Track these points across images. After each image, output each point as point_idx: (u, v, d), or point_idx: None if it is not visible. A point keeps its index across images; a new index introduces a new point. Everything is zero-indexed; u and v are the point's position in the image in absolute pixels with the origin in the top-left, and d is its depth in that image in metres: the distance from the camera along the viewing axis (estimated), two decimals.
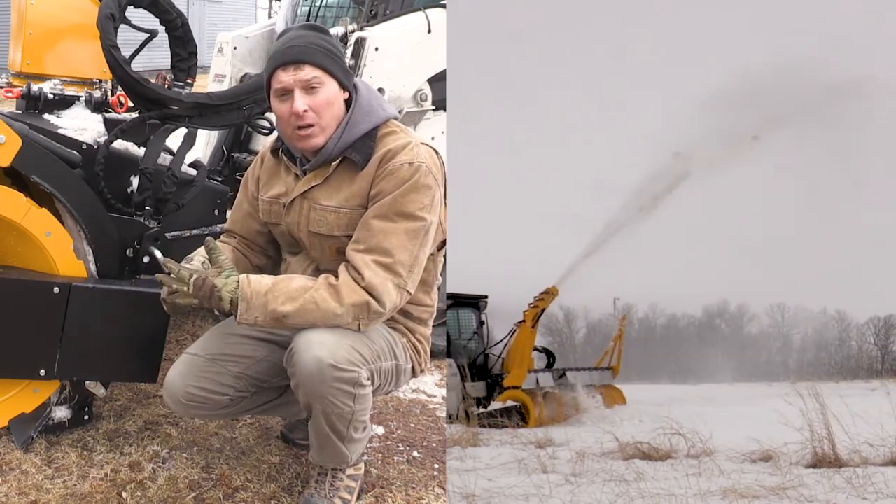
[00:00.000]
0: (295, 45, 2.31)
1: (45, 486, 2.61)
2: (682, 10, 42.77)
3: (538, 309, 7.87)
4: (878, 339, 32.75)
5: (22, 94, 3.29)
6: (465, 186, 14.75)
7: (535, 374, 7.50)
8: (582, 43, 59.88)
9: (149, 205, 2.98)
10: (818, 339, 32.66)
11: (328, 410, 2.30)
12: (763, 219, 12.67)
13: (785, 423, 4.11)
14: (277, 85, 2.33)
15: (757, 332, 33.54)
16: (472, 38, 39.19)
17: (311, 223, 2.41)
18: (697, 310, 32.92)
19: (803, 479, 3.58)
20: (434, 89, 4.27)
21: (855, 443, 4.06)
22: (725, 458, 4.25)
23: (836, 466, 3.84)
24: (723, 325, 33.69)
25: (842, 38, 10.55)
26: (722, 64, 31.23)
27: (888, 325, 32.36)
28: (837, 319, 33.12)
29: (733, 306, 34.16)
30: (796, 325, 34.07)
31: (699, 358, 26.96)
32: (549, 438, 5.37)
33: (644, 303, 29.31)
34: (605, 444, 4.79)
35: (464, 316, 8.00)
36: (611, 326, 29.03)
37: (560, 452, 4.64)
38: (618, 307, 28.13)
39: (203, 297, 2.24)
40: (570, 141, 54.64)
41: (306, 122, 2.31)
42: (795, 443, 4.10)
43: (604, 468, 4.02)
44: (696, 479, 3.57)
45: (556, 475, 3.88)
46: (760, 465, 4.12)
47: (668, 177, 8.68)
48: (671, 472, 3.87)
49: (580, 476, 3.82)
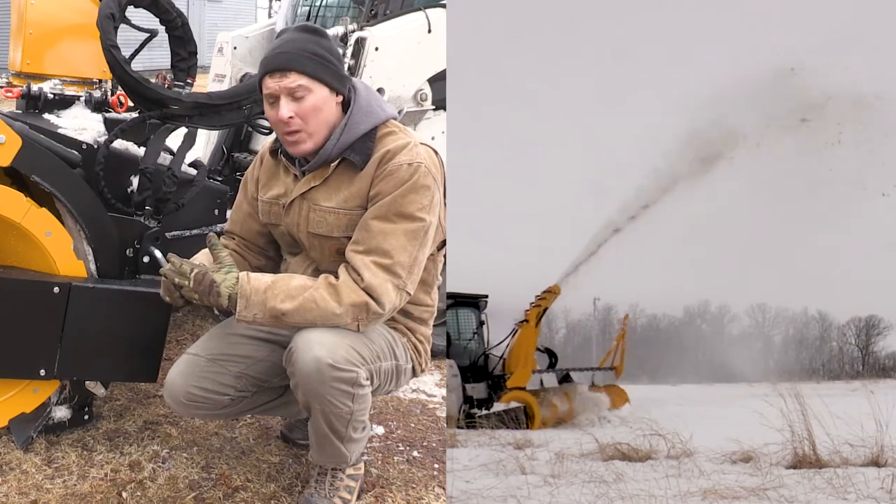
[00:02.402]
0: (283, 52, 2.31)
1: (45, 485, 2.61)
2: (682, 10, 42.77)
3: (541, 308, 7.81)
4: (858, 340, 32.82)
5: (22, 94, 3.29)
6: (465, 186, 14.72)
7: (540, 375, 7.42)
8: (582, 43, 59.88)
9: (149, 204, 2.98)
10: (799, 340, 32.63)
11: (327, 410, 2.30)
12: (744, 219, 12.63)
13: (765, 424, 4.11)
14: (266, 91, 2.34)
15: (738, 333, 33.54)
16: (472, 38, 39.19)
17: (311, 224, 2.41)
18: (678, 310, 32.90)
19: (783, 479, 3.58)
20: (434, 89, 4.26)
21: (835, 443, 4.07)
22: (705, 458, 4.25)
23: (817, 467, 3.84)
24: (703, 325, 33.67)
25: (841, 41, 10.57)
26: (719, 66, 31.23)
27: (869, 325, 32.43)
28: (818, 320, 33.16)
29: (714, 307, 34.17)
30: (777, 326, 34.08)
31: (680, 358, 26.93)
32: (527, 439, 5.37)
33: (624, 303, 29.31)
34: (584, 444, 4.80)
35: (463, 316, 7.92)
36: (590, 327, 29.04)
37: (539, 453, 4.63)
38: (598, 307, 28.08)
39: (202, 292, 2.25)
40: (570, 141, 54.63)
41: (292, 129, 2.32)
42: (776, 443, 4.09)
43: (583, 469, 4.02)
44: (675, 480, 3.55)
45: (534, 476, 3.86)
46: (741, 465, 4.11)
47: (660, 182, 8.69)
48: (651, 473, 3.87)
49: (559, 477, 3.81)
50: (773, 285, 30.98)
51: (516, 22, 61.38)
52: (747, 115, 8.78)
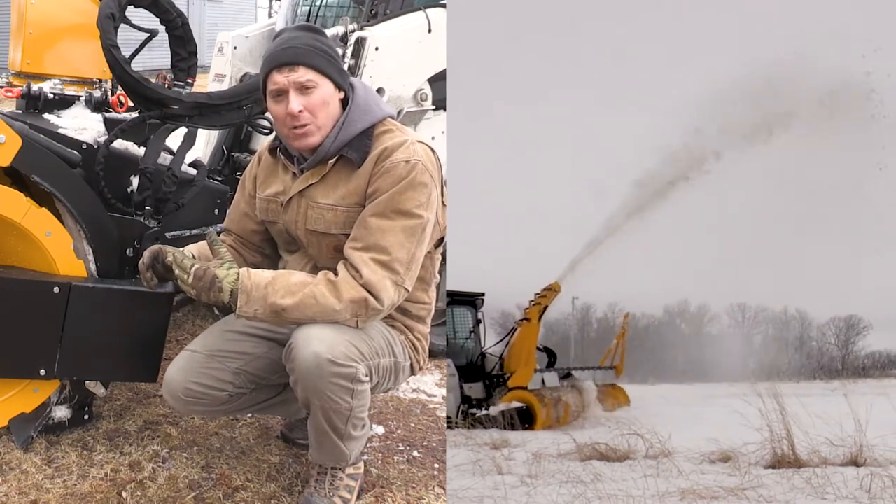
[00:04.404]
0: (290, 47, 2.32)
1: (45, 485, 2.61)
2: (683, 10, 42.80)
3: (541, 306, 7.70)
4: (838, 340, 32.71)
5: (22, 94, 3.29)
6: (464, 186, 14.70)
7: (541, 374, 7.31)
8: (582, 43, 59.92)
9: (149, 204, 2.98)
10: (779, 340, 32.47)
11: (326, 406, 2.31)
12: (725, 219, 12.59)
13: (744, 424, 4.09)
14: (273, 86, 2.34)
15: (717, 332, 33.35)
16: (472, 38, 39.21)
17: (309, 221, 2.42)
18: (658, 309, 32.73)
19: (762, 479, 3.56)
20: (434, 89, 4.27)
21: (814, 443, 4.04)
22: (684, 458, 4.22)
23: (796, 467, 3.82)
24: (683, 324, 33.50)
25: (841, 41, 10.55)
26: (716, 67, 31.15)
27: (848, 325, 32.34)
28: (798, 320, 33.02)
29: (693, 306, 34.00)
30: (757, 326, 33.91)
31: (659, 358, 26.78)
32: (504, 439, 5.32)
33: (603, 302, 29.10)
34: (561, 444, 4.76)
35: (459, 314, 7.79)
36: (568, 326, 28.94)
37: (516, 453, 4.60)
38: (576, 306, 27.96)
39: (203, 287, 2.25)
40: (570, 141, 54.67)
41: (302, 123, 2.32)
42: (755, 443, 4.07)
43: (560, 469, 3.99)
44: (654, 480, 3.53)
45: (511, 476, 3.83)
46: (719, 465, 4.09)
47: (654, 185, 8.65)
48: (629, 473, 3.84)
49: (536, 477, 3.78)
50: (752, 285, 30.90)
51: (516, 22, 61.44)
52: (733, 121, 8.75)
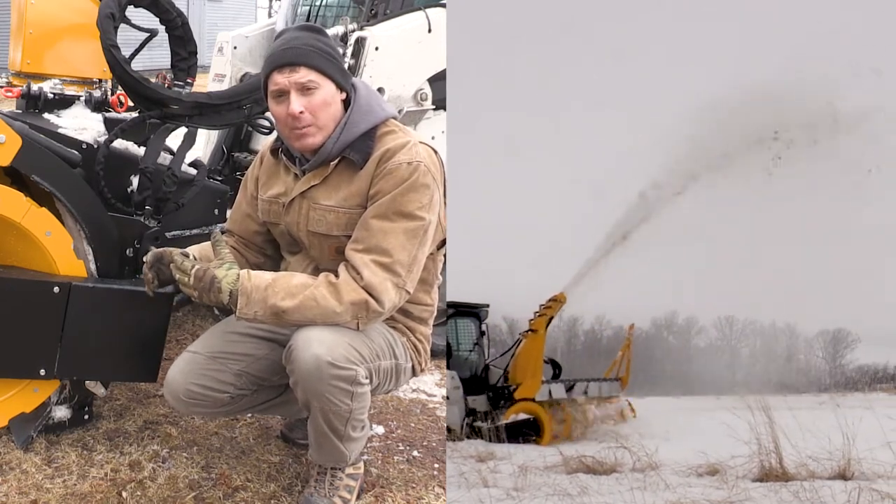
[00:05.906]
0: (291, 48, 2.32)
1: (45, 485, 2.61)
2: (683, 11, 42.81)
3: (547, 316, 7.60)
4: (826, 353, 32.57)
5: (22, 94, 3.29)
6: (464, 187, 14.70)
7: (548, 386, 7.20)
8: (583, 44, 59.96)
9: (149, 204, 2.98)
10: (767, 352, 32.28)
11: (326, 408, 2.31)
12: (712, 231, 12.60)
13: (732, 437, 4.06)
14: (274, 87, 2.34)
15: (705, 345, 33.19)
16: (472, 38, 39.21)
17: (311, 223, 2.41)
18: (645, 322, 32.48)
19: (750, 492, 3.54)
20: (434, 89, 4.27)
21: (802, 456, 4.01)
22: (671, 471, 4.19)
23: (784, 480, 3.80)
24: (671, 337, 33.30)
25: (841, 41, 10.52)
26: (719, 66, 31.12)
27: (836, 338, 32.16)
28: (786, 333, 32.85)
29: (681, 319, 33.78)
30: (745, 338, 33.72)
31: (647, 370, 26.64)
32: (490, 452, 5.28)
33: (591, 314, 28.89)
34: (548, 457, 4.72)
35: (463, 326, 7.70)
36: (555, 338, 28.82)
37: (502, 466, 4.56)
38: (562, 318, 27.82)
39: (203, 288, 2.25)
40: (570, 141, 54.69)
41: (303, 124, 2.32)
42: (742, 456, 4.04)
43: (547, 482, 3.95)
44: (641, 493, 3.50)
45: (497, 490, 3.79)
46: (707, 478, 4.06)
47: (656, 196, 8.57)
48: (616, 486, 3.81)
49: (522, 490, 3.75)
50: (740, 297, 30.74)
51: (516, 22, 61.48)
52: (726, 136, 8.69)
